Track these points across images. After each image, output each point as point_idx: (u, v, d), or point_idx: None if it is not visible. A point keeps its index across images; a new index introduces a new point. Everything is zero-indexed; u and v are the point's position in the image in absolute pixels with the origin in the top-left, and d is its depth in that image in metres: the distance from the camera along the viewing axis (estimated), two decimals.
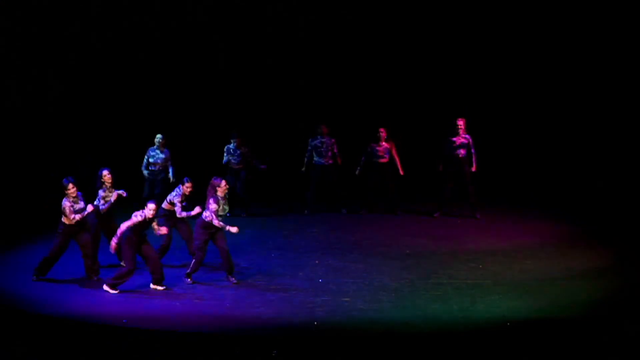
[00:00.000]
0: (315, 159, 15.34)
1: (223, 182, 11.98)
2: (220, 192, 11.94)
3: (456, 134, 14.89)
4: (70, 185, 11.68)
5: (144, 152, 14.88)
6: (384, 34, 16.73)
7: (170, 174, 14.80)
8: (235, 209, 15.22)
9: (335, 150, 15.29)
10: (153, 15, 16.72)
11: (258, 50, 17.04)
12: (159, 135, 14.86)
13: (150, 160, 14.88)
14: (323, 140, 15.25)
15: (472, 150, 14.94)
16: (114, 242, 11.25)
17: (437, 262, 12.81)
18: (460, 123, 14.86)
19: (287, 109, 17.14)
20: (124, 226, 11.22)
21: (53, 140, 16.83)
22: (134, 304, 10.86)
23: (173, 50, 16.99)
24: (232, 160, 15.19)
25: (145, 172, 14.87)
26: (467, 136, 14.92)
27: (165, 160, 14.86)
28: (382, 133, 15.23)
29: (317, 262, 12.75)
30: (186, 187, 12.27)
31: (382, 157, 15.28)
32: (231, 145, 15.21)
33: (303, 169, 15.45)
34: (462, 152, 14.91)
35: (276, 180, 16.54)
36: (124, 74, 17.03)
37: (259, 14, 16.78)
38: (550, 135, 16.84)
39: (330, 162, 15.33)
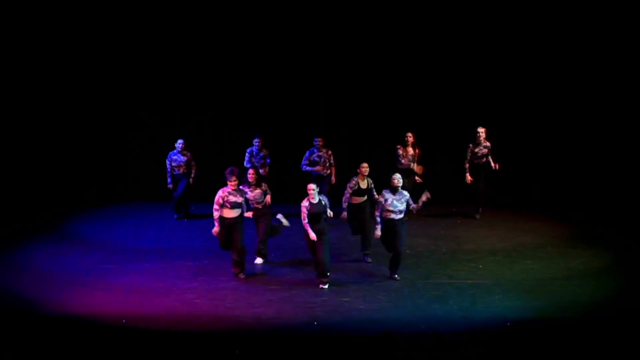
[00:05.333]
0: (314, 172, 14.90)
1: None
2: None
3: (478, 142, 15.04)
4: (233, 178, 11.77)
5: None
6: (402, 39, 16.72)
7: (192, 175, 15.32)
8: None
9: (332, 161, 14.92)
10: (154, 16, 16.71)
11: (261, 51, 17.01)
12: (179, 140, 15.23)
13: (173, 164, 15.20)
14: (320, 153, 14.87)
15: (490, 157, 15.16)
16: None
17: (437, 262, 12.83)
18: (481, 131, 15.04)
19: (297, 112, 17.10)
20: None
21: (54, 141, 16.82)
22: (134, 304, 10.85)
23: (173, 51, 16.97)
24: (256, 163, 14.97)
25: (169, 181, 15.26)
26: (487, 144, 15.12)
27: (186, 162, 15.22)
28: (410, 138, 15.14)
29: None
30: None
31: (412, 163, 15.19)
32: (254, 148, 15.04)
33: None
34: (484, 160, 15.13)
35: (280, 181, 16.51)
36: (124, 75, 17.02)
37: (260, 14, 16.77)
38: (551, 135, 16.83)
39: (327, 172, 14.94)
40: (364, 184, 12.84)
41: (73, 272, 12.16)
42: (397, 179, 11.76)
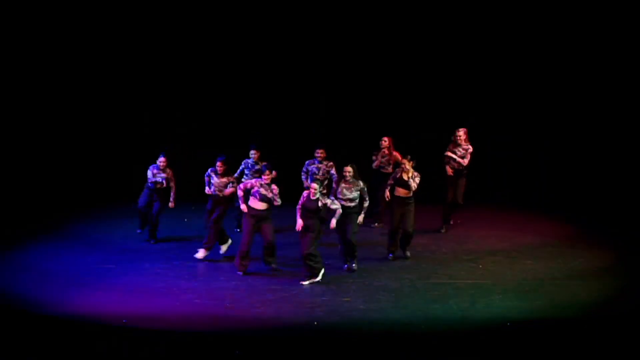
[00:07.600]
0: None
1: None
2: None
3: (457, 144, 14.37)
4: (267, 172, 12.28)
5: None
6: (401, 38, 16.73)
7: (171, 198, 13.89)
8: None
9: (333, 172, 13.94)
10: (154, 16, 16.73)
11: (261, 54, 17.03)
12: (160, 157, 13.76)
13: (158, 179, 13.82)
14: (320, 165, 14.11)
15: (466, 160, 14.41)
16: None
17: (437, 262, 12.83)
18: (461, 133, 14.32)
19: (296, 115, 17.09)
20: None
21: (55, 141, 16.83)
22: (134, 304, 10.85)
23: (175, 51, 16.98)
24: (250, 176, 13.93)
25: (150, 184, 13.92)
26: (468, 146, 14.33)
27: (167, 180, 13.84)
28: (385, 142, 14.64)
29: None
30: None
31: (385, 167, 14.64)
32: (250, 160, 14.18)
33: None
34: (464, 162, 14.34)
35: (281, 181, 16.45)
36: (124, 76, 17.03)
37: (259, 14, 16.78)
38: (551, 135, 16.85)
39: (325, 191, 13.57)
40: (405, 176, 12.80)
41: (73, 272, 12.16)
42: (348, 172, 12.26)
